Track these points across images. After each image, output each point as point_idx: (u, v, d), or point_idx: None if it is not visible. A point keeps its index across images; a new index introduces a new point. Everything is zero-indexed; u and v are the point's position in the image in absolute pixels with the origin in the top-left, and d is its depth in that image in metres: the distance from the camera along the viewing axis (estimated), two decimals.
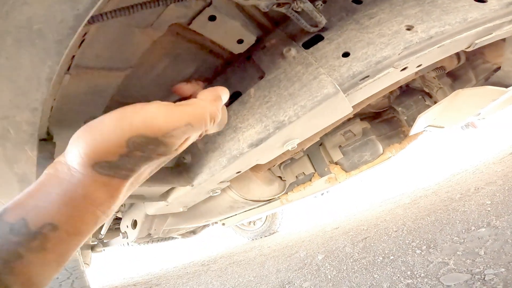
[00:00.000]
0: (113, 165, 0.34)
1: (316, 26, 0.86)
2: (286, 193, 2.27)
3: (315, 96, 0.75)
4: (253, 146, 0.83)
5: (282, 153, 1.10)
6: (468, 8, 0.77)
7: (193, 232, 3.40)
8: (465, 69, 1.88)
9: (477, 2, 0.78)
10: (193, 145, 1.06)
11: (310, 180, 2.21)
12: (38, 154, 0.94)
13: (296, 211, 5.19)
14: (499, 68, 1.56)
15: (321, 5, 0.86)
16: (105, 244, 3.19)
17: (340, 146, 2.03)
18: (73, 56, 0.59)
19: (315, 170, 2.17)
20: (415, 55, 0.74)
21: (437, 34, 0.73)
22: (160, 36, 0.86)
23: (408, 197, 3.24)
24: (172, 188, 1.26)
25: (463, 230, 1.95)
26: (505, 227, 1.77)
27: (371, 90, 0.81)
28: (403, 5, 0.80)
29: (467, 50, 0.93)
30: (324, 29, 0.87)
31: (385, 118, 2.23)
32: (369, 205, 3.79)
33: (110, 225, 2.68)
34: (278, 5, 0.69)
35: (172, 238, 3.27)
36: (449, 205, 2.46)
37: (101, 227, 2.71)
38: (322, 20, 0.83)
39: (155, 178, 1.12)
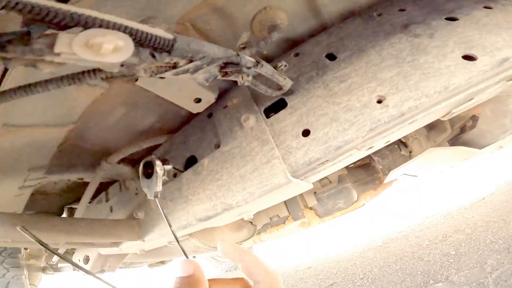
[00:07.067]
0: None
1: (281, 89, 0.80)
2: (260, 233, 2.21)
3: (265, 184, 0.68)
4: (201, 220, 0.76)
5: None
6: (453, 69, 0.64)
7: (162, 262, 3.23)
8: None
9: (465, 61, 0.64)
10: (146, 203, 0.97)
11: (284, 223, 2.15)
12: None
13: (273, 244, 5.02)
14: (475, 118, 1.55)
15: (285, 66, 0.75)
16: (56, 269, 2.97)
17: (315, 193, 1.99)
18: None
19: (289, 214, 2.11)
20: (382, 135, 0.65)
21: (410, 109, 0.62)
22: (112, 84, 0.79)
23: (381, 239, 3.17)
24: None
25: (422, 283, 1.92)
26: (462, 283, 1.74)
27: (332, 169, 0.75)
28: (380, 64, 0.69)
29: (442, 119, 0.82)
30: (290, 92, 0.78)
31: (362, 164, 2.22)
32: (346, 244, 3.69)
33: (67, 250, 2.50)
34: (225, 74, 0.55)
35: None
36: (416, 252, 2.42)
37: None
38: (287, 83, 0.74)
39: (103, 231, 1.02)
